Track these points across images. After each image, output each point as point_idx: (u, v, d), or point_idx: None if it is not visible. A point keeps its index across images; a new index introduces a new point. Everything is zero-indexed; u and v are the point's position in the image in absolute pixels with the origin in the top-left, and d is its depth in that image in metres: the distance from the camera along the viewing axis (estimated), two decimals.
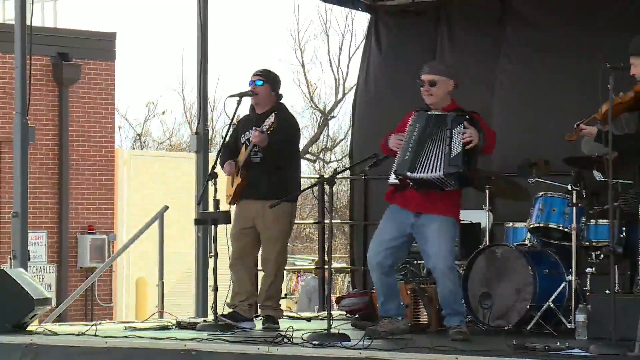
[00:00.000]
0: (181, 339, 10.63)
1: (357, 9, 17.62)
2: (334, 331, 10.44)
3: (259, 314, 12.18)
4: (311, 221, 23.15)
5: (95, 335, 10.88)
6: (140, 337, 10.93)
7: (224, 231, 12.24)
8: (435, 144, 10.58)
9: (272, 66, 12.55)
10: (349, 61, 42.58)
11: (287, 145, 12.12)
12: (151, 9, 69.15)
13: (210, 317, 12.39)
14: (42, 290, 11.96)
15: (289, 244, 13.22)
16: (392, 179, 10.75)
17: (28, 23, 14.02)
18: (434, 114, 10.70)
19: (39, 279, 14.85)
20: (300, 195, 13.14)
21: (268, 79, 12.22)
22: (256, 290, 12.20)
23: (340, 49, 43.22)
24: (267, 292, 12.15)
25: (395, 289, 11.26)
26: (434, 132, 10.62)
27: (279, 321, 12.10)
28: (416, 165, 10.54)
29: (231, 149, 12.25)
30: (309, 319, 14.23)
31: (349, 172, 15.83)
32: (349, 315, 13.27)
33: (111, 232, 26.48)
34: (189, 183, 15.87)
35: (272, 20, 76.46)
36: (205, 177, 13.23)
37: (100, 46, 27.41)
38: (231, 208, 12.28)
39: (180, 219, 15.22)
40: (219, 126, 30.93)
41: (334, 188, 12.04)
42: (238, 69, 58.05)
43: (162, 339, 10.73)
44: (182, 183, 19.55)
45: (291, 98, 42.23)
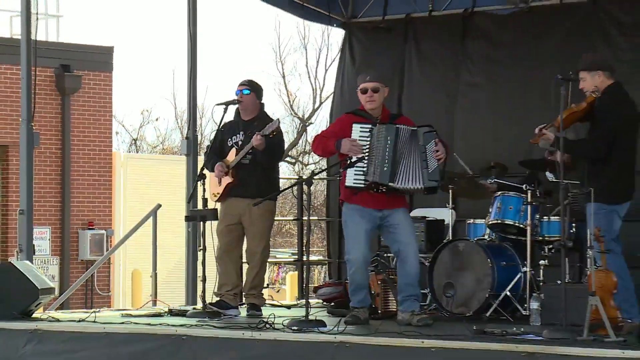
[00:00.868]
0: (173, 325, 10.61)
1: (333, 26, 17.56)
2: (311, 318, 10.40)
3: (243, 302, 12.13)
4: (291, 218, 23.12)
5: (95, 322, 10.85)
6: (136, 323, 10.89)
7: (211, 227, 12.23)
8: (412, 158, 10.71)
9: (255, 77, 12.51)
10: (325, 73, 42.57)
11: (278, 150, 12.15)
12: (145, 24, 69.09)
13: (199, 305, 12.35)
14: (46, 281, 11.91)
15: (271, 239, 13.18)
16: (355, 183, 10.69)
17: (33, 38, 13.97)
18: (403, 128, 10.74)
19: (43, 270, 14.80)
20: (280, 195, 13.13)
21: (253, 89, 12.23)
22: (241, 281, 12.17)
23: (318, 61, 43.18)
24: (251, 282, 12.12)
25: (368, 281, 11.32)
26: (407, 146, 10.71)
27: (261, 308, 12.07)
28: (396, 177, 10.65)
29: (217, 152, 12.21)
30: (289, 306, 14.21)
31: (325, 173, 15.75)
32: (325, 303, 13.23)
33: (109, 228, 26.40)
34: (179, 183, 15.81)
35: (256, 36, 76.38)
36: (194, 178, 13.18)
37: (99, 59, 27.31)
38: (217, 205, 12.25)
39: (171, 216, 15.15)
40: (207, 132, 30.84)
41: (311, 188, 12.02)
42: (225, 80, 57.97)
43: (155, 325, 10.71)
44: (174, 183, 19.51)
45: (273, 106, 42.22)
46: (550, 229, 11.51)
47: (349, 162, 10.72)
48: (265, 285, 13.05)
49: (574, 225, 10.90)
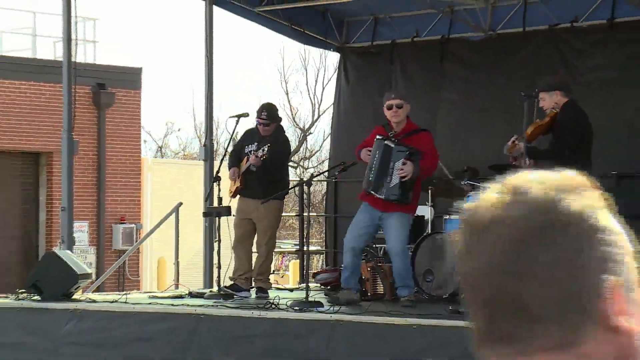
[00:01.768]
0: (192, 305, 10.61)
1: (329, 50, 17.58)
2: (311, 299, 10.42)
3: (253, 285, 12.15)
4: (293, 214, 23.06)
5: (126, 303, 10.86)
6: (161, 303, 10.91)
7: (225, 222, 12.26)
8: (385, 172, 10.83)
9: (262, 94, 12.54)
10: (322, 90, 42.45)
11: (278, 162, 12.15)
12: (169, 49, 69.05)
13: (215, 288, 12.35)
14: (84, 267, 11.93)
15: (277, 232, 13.21)
16: (364, 186, 10.98)
17: (73, 60, 13.97)
18: (386, 145, 10.84)
19: (82, 258, 14.81)
20: (286, 194, 13.15)
21: (270, 118, 12.13)
22: (251, 268, 12.17)
23: (316, 80, 43.06)
24: (259, 269, 12.13)
25: (359, 268, 11.37)
26: (384, 161, 10.87)
27: (268, 291, 12.07)
28: (375, 186, 10.77)
29: (237, 153, 12.28)
30: (291, 289, 14.20)
31: (323, 175, 15.78)
32: (322, 287, 13.24)
33: (138, 222, 26.36)
34: (198, 184, 15.79)
35: (263, 59, 76.36)
36: (211, 180, 13.19)
37: (129, 78, 27.31)
38: (231, 203, 12.29)
39: (191, 213, 15.11)
40: (222, 140, 30.87)
41: (310, 188, 12.04)
42: (237, 96, 57.97)
43: (178, 305, 10.72)
44: (193, 184, 19.44)
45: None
46: None
47: (342, 168, 10.85)
48: (271, 272, 13.10)
49: None
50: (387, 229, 10.96)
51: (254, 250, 12.36)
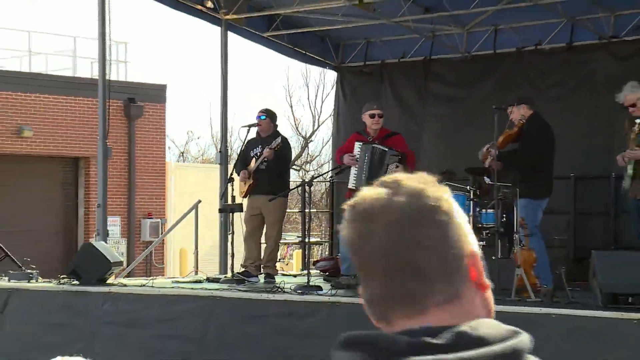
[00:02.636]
0: (210, 289, 10.61)
1: (328, 68, 17.57)
2: (312, 284, 10.41)
3: (262, 272, 12.14)
4: (296, 210, 23.05)
5: (152, 287, 10.87)
6: (183, 287, 10.90)
7: (238, 217, 12.27)
8: (378, 171, 10.74)
9: (270, 106, 12.58)
10: (322, 103, 42.43)
11: (285, 159, 12.16)
12: (190, 67, 69.03)
13: (229, 274, 12.35)
14: (117, 256, 11.93)
15: (282, 226, 13.21)
16: (351, 185, 10.90)
17: (107, 78, 13.96)
18: (377, 148, 10.86)
19: (114, 248, 14.80)
20: (289, 193, 13.14)
21: (269, 115, 12.27)
22: (260, 257, 12.15)
23: (316, 95, 43.01)
24: (267, 257, 12.12)
25: None
26: (377, 163, 10.88)
27: (275, 277, 12.06)
28: (368, 184, 10.67)
29: (243, 160, 12.26)
30: (295, 275, 14.20)
31: (322, 177, 15.77)
32: (321, 273, 13.23)
33: (163, 217, 26.36)
34: (215, 185, 15.79)
35: (271, 77, 76.35)
36: (225, 181, 13.19)
37: (156, 93, 27.32)
38: (243, 201, 12.28)
39: (209, 209, 15.09)
40: (235, 147, 30.81)
41: (311, 188, 12.04)
42: (248, 108, 57.98)
43: (197, 289, 10.73)
44: (210, 185, 19.43)
45: (282, 128, 42.17)
46: (487, 218, 11.46)
47: (337, 170, 10.86)
48: (277, 260, 13.09)
49: (504, 215, 10.90)
50: None
51: (263, 241, 12.36)
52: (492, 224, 10.94)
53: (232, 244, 12.32)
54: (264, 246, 12.28)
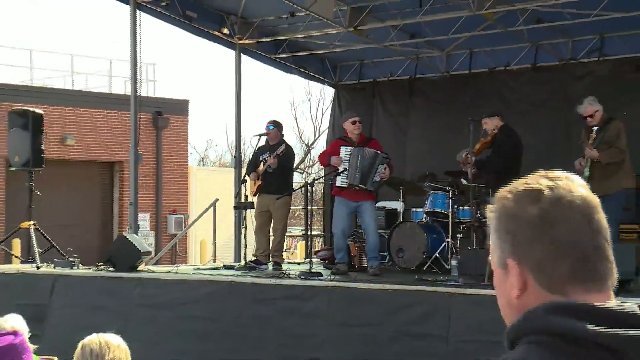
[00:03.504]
0: (226, 275, 10.61)
1: (327, 85, 17.59)
2: (313, 270, 10.40)
3: (270, 260, 12.14)
4: (300, 207, 23.07)
5: (177, 273, 10.86)
6: (203, 274, 10.90)
7: (250, 213, 12.28)
8: (370, 170, 10.78)
9: (277, 117, 12.56)
10: (322, 116, 42.42)
11: (287, 165, 12.14)
12: (208, 85, 69.00)
13: (243, 262, 12.35)
14: (146, 247, 11.92)
15: (288, 220, 13.21)
16: (342, 183, 10.82)
17: (138, 94, 13.98)
18: (369, 151, 10.85)
19: (144, 240, 14.82)
20: (293, 192, 13.14)
21: (276, 125, 12.25)
22: (269, 247, 12.15)
23: (317, 108, 43.26)
24: (275, 248, 12.10)
25: (347, 247, 11.39)
26: (368, 163, 10.81)
27: (281, 265, 12.06)
28: (361, 181, 10.68)
29: (253, 164, 12.25)
30: (299, 263, 14.20)
31: (322, 179, 15.74)
32: (321, 261, 13.23)
33: (185, 213, 26.39)
34: (230, 186, 15.79)
35: (278, 93, 76.30)
36: (239, 182, 13.19)
37: (180, 107, 27.35)
38: (253, 199, 12.28)
39: (225, 206, 15.09)
40: (247, 153, 31.06)
41: (313, 189, 12.03)
42: (258, 119, 58.04)
43: (215, 275, 10.72)
44: (226, 186, 19.46)
45: (288, 136, 42.26)
46: (464, 214, 11.49)
47: (337, 173, 10.81)
48: (283, 250, 13.08)
49: (479, 212, 10.93)
50: (364, 212, 10.85)
51: (271, 234, 12.35)
52: (469, 219, 10.96)
53: (244, 236, 12.34)
54: (271, 238, 12.29)
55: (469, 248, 10.41)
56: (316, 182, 14.22)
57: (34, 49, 27.95)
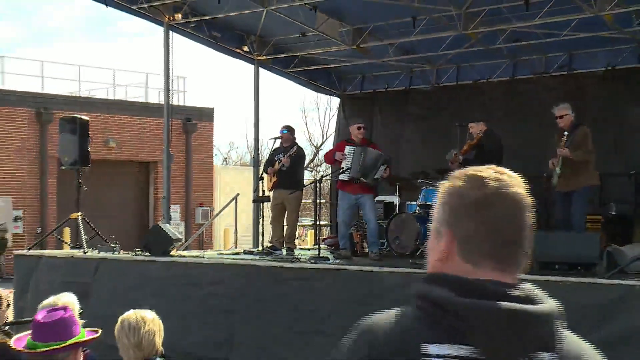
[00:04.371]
0: (246, 259, 10.60)
1: (332, 96, 17.57)
2: (322, 255, 10.39)
3: (284, 246, 12.14)
4: (310, 200, 23.09)
5: (204, 257, 10.86)
6: (226, 258, 10.90)
7: (266, 206, 12.28)
8: (373, 167, 10.72)
9: (290, 123, 12.56)
10: (329, 121, 42.57)
11: (299, 164, 12.13)
12: (231, 94, 69.09)
13: (260, 248, 12.36)
14: (177, 235, 11.90)
15: (299, 212, 13.22)
16: (345, 178, 10.80)
17: (171, 103, 13.99)
18: (373, 151, 10.82)
19: (175, 229, 14.90)
20: (304, 188, 13.13)
21: (289, 130, 12.23)
22: (283, 235, 12.15)
23: (325, 115, 43.64)
24: (288, 236, 12.10)
25: (350, 235, 11.37)
26: (371, 162, 10.75)
27: (294, 250, 12.06)
28: (363, 175, 10.64)
29: (270, 162, 12.22)
30: (309, 249, 14.18)
31: (328, 176, 15.74)
32: (328, 247, 13.22)
33: (211, 206, 26.44)
34: (249, 182, 15.79)
35: (291, 101, 76.32)
36: (257, 179, 13.20)
37: (206, 114, 27.39)
38: (270, 194, 12.28)
39: (245, 200, 15.10)
40: (264, 154, 31.19)
41: (321, 185, 12.01)
42: (274, 124, 58.05)
43: (236, 259, 10.71)
44: (246, 182, 19.52)
45: (299, 139, 42.49)
46: None
47: (342, 170, 10.80)
48: (296, 238, 13.06)
49: None
50: (364, 204, 10.81)
51: (285, 224, 12.35)
52: None
53: (262, 225, 12.35)
54: (285, 227, 12.28)
55: None
56: (324, 178, 14.23)
57: (81, 64, 28.03)
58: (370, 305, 8.64)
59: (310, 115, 74.43)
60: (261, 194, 12.40)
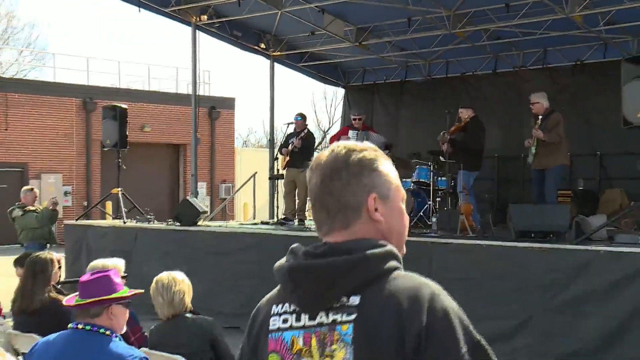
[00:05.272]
0: (264, 229, 10.64)
1: (338, 87, 17.48)
2: None
3: (296, 218, 12.14)
4: None
5: (227, 227, 10.90)
6: (246, 228, 10.94)
7: (280, 183, 12.27)
8: None
9: (302, 110, 12.52)
10: (335, 110, 42.40)
11: (309, 146, 12.10)
12: (250, 86, 68.90)
13: (275, 219, 12.37)
14: (204, 207, 11.95)
15: None
16: None
17: (198, 94, 13.97)
18: (373, 134, 10.78)
19: (202, 202, 14.87)
20: None
21: (302, 117, 12.20)
22: (295, 208, 12.14)
23: (331, 104, 43.33)
24: (299, 209, 12.08)
25: None
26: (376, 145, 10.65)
27: (305, 221, 12.06)
28: None
29: (284, 144, 12.17)
30: None
31: None
32: None
33: (233, 182, 26.45)
34: (265, 162, 15.77)
35: (301, 92, 76.03)
36: (272, 159, 13.19)
37: (228, 103, 27.34)
38: (283, 172, 12.26)
39: (262, 177, 15.09)
40: (279, 137, 31.23)
41: None
42: (288, 112, 57.95)
43: (255, 228, 10.74)
44: (263, 162, 19.48)
45: (309, 125, 42.30)
46: (442, 183, 11.36)
47: None
48: (306, 210, 13.06)
49: (452, 181, 10.86)
50: None
51: (296, 198, 12.35)
52: (445, 187, 10.92)
53: (277, 199, 12.35)
54: (297, 201, 12.29)
55: (445, 209, 10.35)
56: None
57: (121, 60, 27.97)
58: None
59: (319, 104, 74.18)
60: (276, 172, 12.42)
